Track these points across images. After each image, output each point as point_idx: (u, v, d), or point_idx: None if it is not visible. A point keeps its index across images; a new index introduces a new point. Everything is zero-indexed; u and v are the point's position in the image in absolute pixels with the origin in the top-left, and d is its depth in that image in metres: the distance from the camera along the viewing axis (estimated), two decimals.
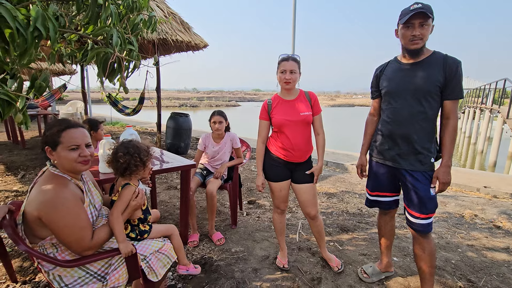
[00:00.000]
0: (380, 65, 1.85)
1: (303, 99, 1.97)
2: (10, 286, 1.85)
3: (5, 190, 3.49)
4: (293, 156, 1.95)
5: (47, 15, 1.57)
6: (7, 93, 1.35)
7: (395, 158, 1.73)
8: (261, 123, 2.03)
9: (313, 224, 2.09)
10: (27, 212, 1.14)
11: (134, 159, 1.40)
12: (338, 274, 2.05)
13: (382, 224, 2.00)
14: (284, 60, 1.88)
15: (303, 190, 2.01)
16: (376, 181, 1.88)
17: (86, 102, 8.00)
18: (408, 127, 1.65)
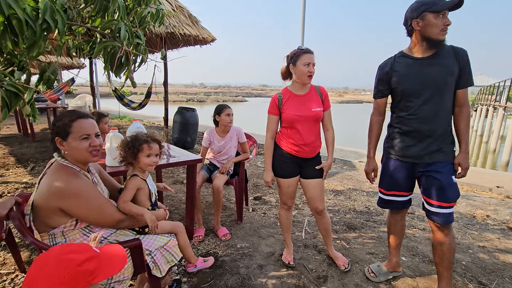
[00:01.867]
0: (384, 62, 1.73)
1: (314, 94, 1.93)
2: (19, 276, 1.88)
3: (15, 182, 3.55)
4: (304, 151, 1.92)
5: (56, 7, 1.56)
6: (14, 84, 1.35)
7: (418, 154, 1.68)
8: (270, 118, 1.95)
9: (320, 221, 2.07)
10: (39, 203, 1.15)
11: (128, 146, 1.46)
12: (345, 272, 2.03)
13: (392, 223, 1.95)
14: (307, 53, 1.81)
15: (312, 185, 1.98)
16: (393, 179, 1.81)
17: (94, 96, 8.08)
18: (434, 122, 1.62)
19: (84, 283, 0.79)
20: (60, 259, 0.79)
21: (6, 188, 3.32)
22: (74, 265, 0.78)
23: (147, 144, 1.46)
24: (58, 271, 0.77)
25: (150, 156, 1.48)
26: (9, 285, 1.80)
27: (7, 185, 3.40)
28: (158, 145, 1.51)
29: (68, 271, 0.77)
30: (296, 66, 1.83)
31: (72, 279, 0.77)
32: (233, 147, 2.69)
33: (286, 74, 1.97)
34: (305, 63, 1.79)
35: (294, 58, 1.84)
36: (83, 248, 0.85)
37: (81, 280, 0.79)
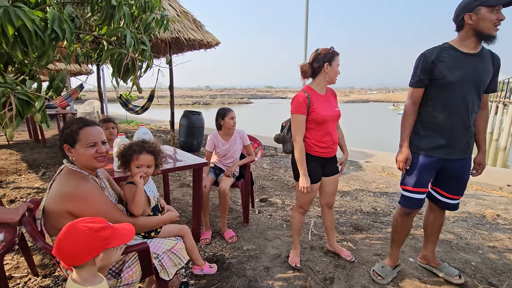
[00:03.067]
0: (429, 51, 1.66)
1: (331, 94, 1.98)
2: (32, 279, 1.93)
3: (27, 187, 3.64)
4: (332, 151, 1.96)
5: (63, 17, 1.61)
6: (26, 93, 1.40)
7: (453, 149, 1.71)
8: (300, 118, 1.83)
9: (329, 213, 2.16)
10: (50, 207, 1.19)
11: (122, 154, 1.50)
12: (351, 274, 2.02)
13: (401, 223, 1.92)
14: (339, 54, 1.84)
15: (332, 181, 2.05)
16: (422, 176, 1.78)
17: (102, 101, 8.21)
18: (470, 119, 1.68)
19: (99, 246, 0.96)
20: (83, 226, 0.97)
21: (19, 193, 3.41)
22: (93, 231, 0.96)
23: (137, 154, 1.46)
24: (80, 235, 0.95)
25: (140, 167, 1.47)
26: (23, 287, 1.85)
27: (19, 190, 3.49)
28: (151, 156, 1.49)
29: (88, 235, 0.95)
30: (331, 66, 1.81)
31: (91, 241, 0.95)
32: (238, 150, 2.71)
33: (309, 72, 1.89)
34: (338, 64, 1.83)
35: (329, 57, 1.81)
36: (100, 220, 1.03)
37: (98, 243, 0.96)
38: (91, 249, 0.95)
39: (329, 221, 2.18)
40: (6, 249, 1.50)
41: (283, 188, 3.93)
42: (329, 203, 2.12)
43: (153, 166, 1.52)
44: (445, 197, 1.85)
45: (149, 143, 1.53)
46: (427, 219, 2.02)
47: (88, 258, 0.95)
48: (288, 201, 3.44)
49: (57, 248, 0.95)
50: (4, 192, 3.43)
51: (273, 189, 3.85)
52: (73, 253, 0.94)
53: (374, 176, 4.73)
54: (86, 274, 0.98)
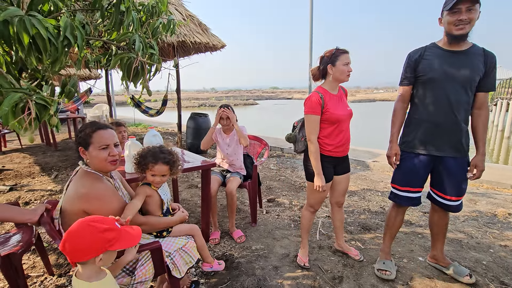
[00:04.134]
0: (415, 50, 1.80)
1: (342, 93, 1.99)
2: (48, 278, 1.99)
3: (41, 189, 3.74)
4: (345, 150, 1.97)
5: (75, 24, 1.66)
6: (43, 98, 1.45)
7: (440, 146, 1.74)
8: (314, 119, 1.85)
9: (338, 212, 2.17)
10: (67, 207, 1.24)
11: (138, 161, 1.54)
12: (360, 273, 2.02)
13: (393, 216, 2.00)
14: (345, 53, 1.83)
15: (343, 179, 2.06)
16: (409, 174, 1.85)
17: (110, 105, 8.36)
18: (457, 115, 1.68)
19: (101, 247, 0.99)
20: (89, 224, 1.00)
21: (33, 195, 3.50)
22: (97, 231, 0.98)
23: (152, 165, 1.49)
24: (86, 234, 0.98)
25: (154, 176, 1.51)
26: (39, 287, 1.91)
27: (33, 193, 3.59)
28: (167, 166, 1.52)
29: (92, 234, 0.98)
30: (335, 66, 1.83)
31: (94, 241, 0.98)
32: (239, 145, 2.72)
33: (318, 74, 1.96)
34: (344, 63, 1.82)
35: (332, 58, 1.84)
36: (108, 221, 1.05)
37: (100, 243, 0.98)
38: (92, 249, 0.97)
39: (339, 220, 2.20)
40: (24, 249, 1.56)
41: (290, 188, 3.94)
42: (339, 202, 2.13)
43: (168, 175, 1.55)
44: (442, 198, 1.83)
45: (165, 153, 1.54)
46: (431, 219, 2.02)
47: (89, 257, 0.98)
48: (295, 201, 3.45)
49: (63, 242, 0.99)
50: (19, 195, 3.53)
51: (280, 190, 3.87)
52: (75, 249, 0.97)
53: (381, 175, 4.70)
54: (88, 270, 1.01)
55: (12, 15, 1.32)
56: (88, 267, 1.01)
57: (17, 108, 1.44)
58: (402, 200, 1.91)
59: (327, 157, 1.93)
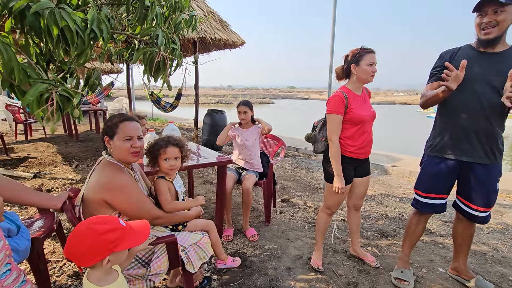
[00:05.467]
0: (447, 50, 1.73)
1: (366, 94, 1.94)
2: (66, 264, 2.05)
3: (62, 178, 3.88)
4: (366, 152, 1.91)
5: (101, 17, 1.69)
6: (67, 90, 1.49)
7: (469, 151, 1.64)
8: (336, 118, 1.80)
9: (355, 216, 2.12)
10: (89, 196, 1.26)
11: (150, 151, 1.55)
12: (376, 280, 1.95)
13: (414, 223, 1.91)
14: (372, 52, 1.78)
15: (363, 182, 2.01)
16: (433, 180, 1.76)
17: (130, 98, 8.56)
18: (489, 119, 1.58)
19: (105, 250, 0.92)
20: (88, 227, 0.94)
21: (55, 183, 3.64)
22: (98, 234, 0.92)
23: (164, 148, 1.51)
24: (85, 237, 0.92)
25: (168, 160, 1.52)
26: (58, 271, 1.97)
27: (55, 181, 3.73)
28: (177, 148, 1.54)
29: (92, 238, 0.91)
30: (359, 66, 1.78)
31: (95, 244, 0.91)
32: (256, 140, 2.70)
33: (342, 74, 1.92)
34: (369, 63, 1.76)
35: (357, 57, 1.79)
36: (110, 220, 0.97)
37: (103, 246, 0.92)
38: (96, 252, 0.91)
39: (355, 224, 2.14)
40: (46, 234, 1.60)
41: (305, 189, 3.89)
42: (356, 205, 2.08)
43: (180, 158, 1.57)
44: (469, 208, 1.73)
45: (172, 137, 1.59)
46: (455, 229, 1.92)
47: (94, 261, 0.92)
48: (310, 202, 3.40)
49: (66, 248, 0.94)
50: (42, 182, 3.68)
51: (294, 190, 3.82)
52: (79, 255, 0.92)
53: (400, 181, 4.55)
54: (98, 273, 0.96)
55: (44, 7, 1.35)
56: (96, 270, 0.96)
57: (42, 98, 1.48)
58: (424, 207, 1.83)
59: (348, 159, 1.87)
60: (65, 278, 1.90)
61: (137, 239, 0.99)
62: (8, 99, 8.07)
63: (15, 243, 1.19)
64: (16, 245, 1.18)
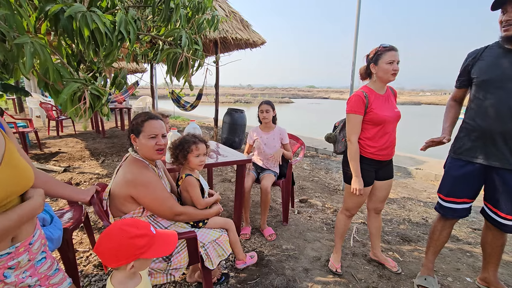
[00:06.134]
0: (475, 50, 1.66)
1: (391, 94, 1.87)
2: (93, 254, 2.16)
3: (90, 172, 4.08)
4: (389, 154, 1.85)
5: (128, 19, 1.76)
6: (97, 88, 1.57)
7: (497, 155, 1.55)
8: (355, 118, 1.76)
9: (376, 219, 2.06)
10: (115, 191, 1.32)
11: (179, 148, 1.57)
12: (397, 286, 1.89)
13: (439, 229, 1.83)
14: (390, 50, 1.70)
15: (385, 185, 1.94)
16: (456, 183, 1.69)
17: (153, 97, 8.84)
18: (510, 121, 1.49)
19: (131, 254, 0.91)
20: (121, 228, 0.93)
21: (83, 177, 3.83)
22: (127, 237, 0.91)
23: (195, 145, 1.56)
24: (115, 238, 0.92)
25: (199, 156, 1.57)
26: (84, 261, 2.08)
27: (83, 175, 3.93)
28: (204, 144, 1.60)
29: (121, 239, 0.91)
30: (378, 65, 1.73)
31: (122, 247, 0.91)
32: (276, 146, 2.69)
33: (365, 73, 1.88)
34: (388, 61, 1.70)
35: (375, 57, 1.74)
36: (142, 225, 0.96)
37: (130, 251, 0.91)
38: (122, 255, 0.90)
39: (375, 228, 2.08)
40: (74, 225, 1.70)
41: (323, 190, 3.83)
42: (377, 209, 2.02)
43: (206, 154, 1.61)
44: (497, 215, 1.63)
45: (197, 135, 1.64)
46: (484, 237, 1.81)
47: (120, 264, 0.91)
48: (328, 204, 3.35)
49: (96, 245, 0.95)
50: (71, 176, 3.89)
51: (313, 191, 3.78)
52: (106, 254, 0.92)
53: (425, 184, 4.36)
54: (121, 276, 0.96)
55: (76, 10, 1.43)
56: (120, 272, 0.96)
57: (75, 97, 1.57)
58: (445, 211, 1.76)
59: (369, 160, 1.82)
60: (91, 268, 2.00)
61: (163, 250, 0.97)
62: (42, 97, 8.59)
63: (49, 232, 1.27)
64: (50, 234, 1.26)
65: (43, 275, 0.95)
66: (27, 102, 8.35)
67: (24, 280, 0.89)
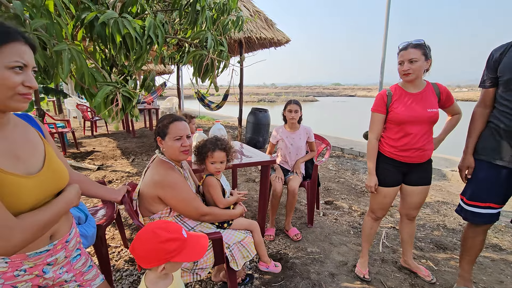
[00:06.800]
0: (499, 46, 1.52)
1: (431, 93, 1.70)
2: (123, 250, 2.26)
3: (121, 170, 4.28)
4: (413, 157, 1.73)
5: (157, 23, 1.81)
6: (129, 91, 1.63)
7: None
8: (376, 117, 1.77)
9: (408, 225, 1.95)
10: (144, 191, 1.37)
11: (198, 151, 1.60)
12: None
13: (470, 236, 1.69)
14: (401, 50, 1.65)
15: (416, 192, 1.82)
16: (480, 187, 1.58)
17: (180, 98, 9.10)
18: None
19: (162, 258, 0.93)
20: (153, 231, 0.96)
21: (115, 175, 4.03)
22: (158, 241, 0.93)
23: (211, 152, 1.56)
24: (148, 241, 0.94)
25: (214, 163, 1.57)
26: (116, 256, 2.18)
27: (115, 173, 4.13)
28: (224, 152, 1.58)
29: (153, 243, 0.93)
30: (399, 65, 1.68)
31: (154, 250, 0.93)
32: (302, 146, 2.65)
33: None
34: (399, 62, 1.66)
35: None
36: (174, 229, 0.98)
37: (160, 254, 0.93)
38: (153, 257, 0.93)
39: (407, 234, 1.97)
40: (107, 222, 1.78)
41: (350, 192, 3.71)
42: (409, 215, 1.91)
43: (225, 161, 1.61)
44: None
45: (221, 140, 1.63)
46: None
47: (151, 265, 0.95)
48: (355, 206, 3.23)
49: (131, 245, 0.99)
50: (104, 174, 4.11)
51: (339, 192, 3.68)
52: (139, 255, 0.95)
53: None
54: (153, 276, 1.00)
55: (109, 17, 1.49)
56: (153, 272, 0.99)
57: (108, 99, 1.64)
58: (467, 215, 1.65)
59: (391, 160, 1.77)
60: (122, 263, 2.10)
61: (194, 254, 0.98)
62: (79, 99, 9.18)
63: (84, 229, 1.34)
64: (85, 232, 1.34)
65: (78, 271, 1.00)
66: (65, 104, 8.97)
67: (61, 275, 0.94)
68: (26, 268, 0.84)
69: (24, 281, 0.85)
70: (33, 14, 1.40)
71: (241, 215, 1.62)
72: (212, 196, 1.53)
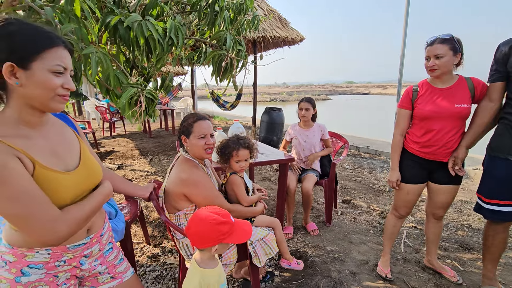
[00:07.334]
0: (507, 40, 1.47)
1: (463, 88, 1.62)
2: (146, 246, 2.32)
3: (140, 170, 4.39)
4: (438, 154, 1.68)
5: (178, 25, 1.85)
6: (151, 92, 1.67)
7: None
8: (401, 112, 1.78)
9: (434, 225, 1.91)
10: (170, 189, 1.40)
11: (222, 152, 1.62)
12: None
13: (491, 234, 1.65)
14: (428, 45, 1.61)
15: (444, 191, 1.77)
16: (499, 184, 1.53)
17: (194, 98, 9.22)
18: None
19: (216, 238, 1.03)
20: (206, 215, 1.05)
21: (134, 174, 4.14)
22: (214, 223, 1.03)
23: (236, 151, 1.58)
24: (203, 223, 1.04)
25: (239, 162, 1.59)
26: (139, 252, 2.24)
27: (134, 172, 4.24)
28: (248, 150, 1.60)
29: (209, 224, 1.03)
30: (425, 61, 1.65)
31: (210, 231, 1.02)
32: (317, 143, 2.63)
33: None
34: (426, 57, 1.63)
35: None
36: (224, 213, 1.09)
37: (215, 235, 1.03)
38: (209, 238, 1.02)
39: (433, 233, 1.93)
40: (132, 219, 1.84)
41: (368, 191, 3.66)
42: (435, 214, 1.86)
43: (249, 159, 1.62)
44: None
45: (243, 139, 1.64)
46: None
47: (206, 246, 1.04)
48: (374, 205, 3.18)
49: (187, 228, 1.08)
50: (124, 173, 4.23)
51: (356, 191, 3.63)
52: (195, 237, 1.04)
53: None
54: (204, 257, 1.08)
55: (133, 20, 1.54)
56: (204, 253, 1.08)
57: (132, 100, 1.69)
58: (485, 213, 1.61)
59: (415, 157, 1.76)
60: (145, 258, 2.16)
61: (241, 237, 1.08)
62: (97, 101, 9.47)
63: (114, 224, 1.39)
64: (116, 226, 1.39)
65: (111, 264, 1.04)
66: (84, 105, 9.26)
67: (96, 267, 0.99)
68: (66, 259, 0.89)
69: (63, 271, 0.89)
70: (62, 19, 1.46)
71: (262, 212, 1.63)
72: (236, 194, 1.55)
